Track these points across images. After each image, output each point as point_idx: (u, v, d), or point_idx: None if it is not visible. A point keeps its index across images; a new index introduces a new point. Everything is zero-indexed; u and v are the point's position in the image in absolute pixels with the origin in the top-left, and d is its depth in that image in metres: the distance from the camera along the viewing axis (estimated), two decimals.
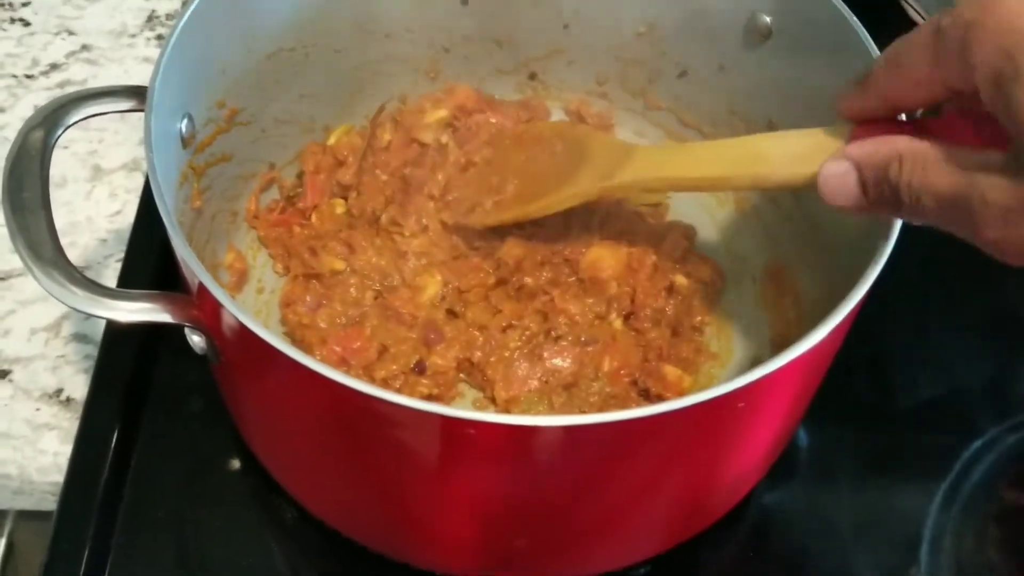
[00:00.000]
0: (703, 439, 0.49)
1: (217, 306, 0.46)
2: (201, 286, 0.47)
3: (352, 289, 0.66)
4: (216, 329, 0.49)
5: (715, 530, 0.59)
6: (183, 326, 0.50)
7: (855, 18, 0.58)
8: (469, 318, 0.65)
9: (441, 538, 0.54)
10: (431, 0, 0.70)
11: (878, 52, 0.57)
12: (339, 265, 0.67)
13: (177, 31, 0.55)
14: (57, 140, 0.52)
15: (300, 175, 0.72)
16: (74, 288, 0.48)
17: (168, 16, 0.87)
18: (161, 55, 0.54)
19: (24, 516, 0.70)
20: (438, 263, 0.68)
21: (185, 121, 0.58)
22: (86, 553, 0.58)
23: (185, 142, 0.58)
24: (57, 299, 0.48)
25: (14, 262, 0.71)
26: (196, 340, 0.51)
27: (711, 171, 0.56)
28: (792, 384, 0.51)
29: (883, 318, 0.70)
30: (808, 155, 0.50)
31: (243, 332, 0.45)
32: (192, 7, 0.56)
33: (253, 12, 0.62)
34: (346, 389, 0.43)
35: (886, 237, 0.51)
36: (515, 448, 0.45)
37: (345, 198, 0.71)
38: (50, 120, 0.52)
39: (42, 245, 0.49)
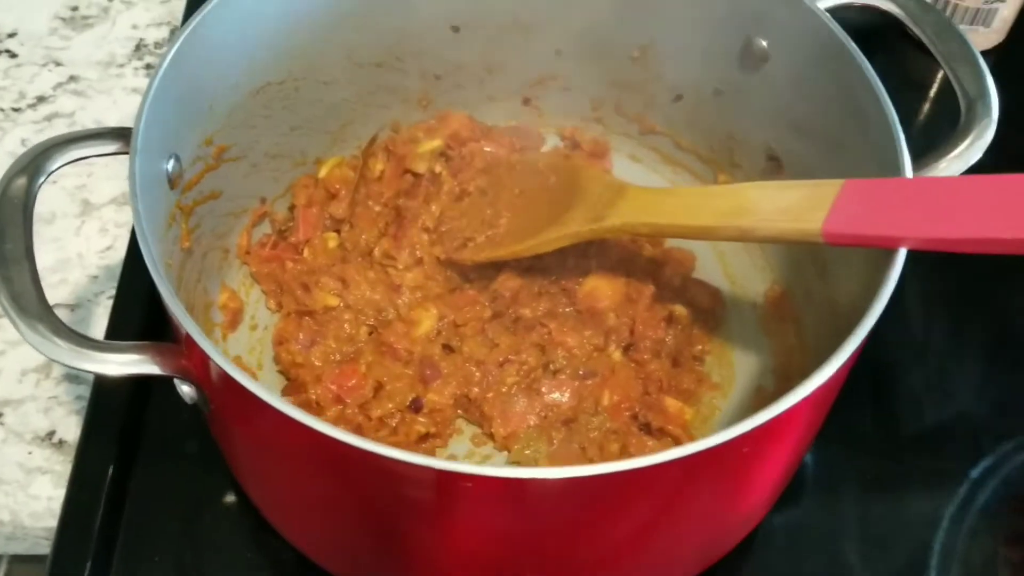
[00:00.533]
0: (706, 485, 0.48)
1: (206, 358, 0.45)
2: (188, 337, 0.46)
3: (346, 325, 0.65)
4: (206, 380, 0.48)
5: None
6: (172, 377, 0.49)
7: (852, 43, 0.58)
8: (465, 352, 0.64)
9: None
10: (421, 28, 0.69)
11: (875, 77, 0.56)
12: (332, 301, 0.66)
13: (160, 72, 0.54)
14: (40, 187, 0.51)
15: (292, 208, 0.71)
16: (59, 341, 0.47)
17: (156, 44, 0.86)
18: (145, 97, 0.53)
19: (18, 559, 0.69)
20: (433, 296, 0.67)
21: (172, 162, 0.57)
22: None
23: (172, 183, 0.57)
24: (43, 353, 0.47)
25: None
26: (186, 390, 0.50)
27: (698, 221, 0.56)
28: (795, 426, 0.50)
29: (887, 340, 0.69)
30: (794, 210, 0.50)
31: (232, 385, 0.44)
32: (175, 47, 0.55)
33: (239, 47, 0.61)
34: (339, 443, 0.42)
35: (889, 267, 0.50)
36: (513, 498, 0.44)
37: (338, 231, 0.70)
38: (32, 166, 0.51)
39: (26, 297, 0.48)
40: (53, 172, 0.52)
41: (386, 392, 0.63)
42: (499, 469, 0.43)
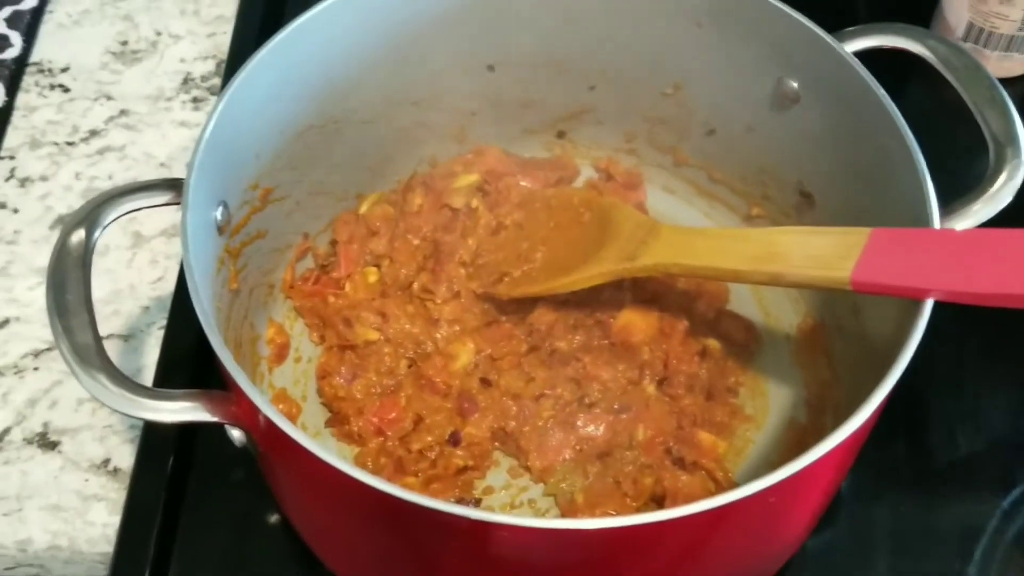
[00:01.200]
0: (742, 528, 0.49)
1: (255, 408, 0.47)
2: (238, 387, 0.48)
3: (386, 358, 0.67)
4: (255, 428, 0.50)
5: None
6: (223, 424, 0.51)
7: (880, 88, 0.58)
8: (502, 386, 0.66)
9: None
10: (458, 67, 0.71)
11: (903, 123, 0.57)
12: (373, 336, 0.68)
13: (210, 127, 0.56)
14: (97, 239, 0.54)
15: (333, 243, 0.73)
16: (113, 389, 0.49)
17: (203, 78, 0.88)
18: (195, 152, 0.55)
19: None
20: (470, 330, 0.68)
21: (220, 209, 0.59)
22: None
23: (221, 229, 0.59)
24: (98, 400, 0.50)
25: None
26: (236, 435, 0.52)
27: (730, 264, 0.57)
28: (828, 469, 0.51)
29: (920, 370, 0.69)
30: (824, 257, 0.51)
31: (282, 436, 0.46)
32: (222, 101, 0.57)
33: (283, 96, 0.63)
34: (380, 492, 0.44)
35: (917, 315, 0.50)
36: (548, 545, 0.46)
37: (378, 266, 0.72)
38: (89, 219, 0.54)
39: (85, 347, 0.50)
40: (108, 224, 0.54)
41: (425, 425, 0.65)
42: (534, 520, 0.44)
